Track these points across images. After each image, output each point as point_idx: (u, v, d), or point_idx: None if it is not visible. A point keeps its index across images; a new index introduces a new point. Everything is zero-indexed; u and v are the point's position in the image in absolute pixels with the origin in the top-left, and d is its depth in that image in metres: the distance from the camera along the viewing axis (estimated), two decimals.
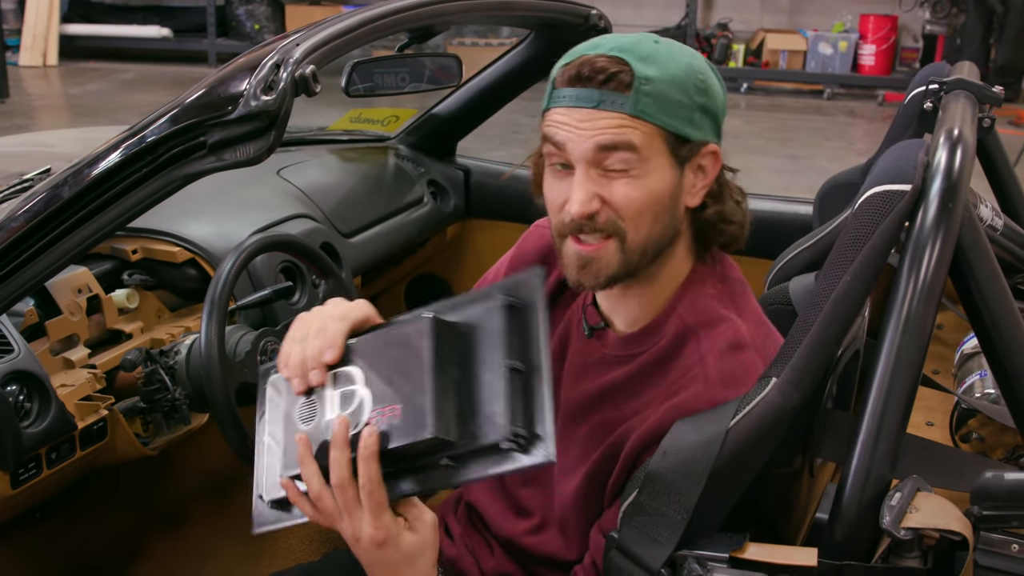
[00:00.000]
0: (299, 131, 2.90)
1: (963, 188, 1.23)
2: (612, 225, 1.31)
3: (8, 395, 1.66)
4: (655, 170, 1.30)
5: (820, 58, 9.56)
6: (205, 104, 1.42)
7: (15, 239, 1.50)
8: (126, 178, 1.45)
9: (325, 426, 1.22)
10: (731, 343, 1.34)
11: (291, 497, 1.24)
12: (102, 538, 2.37)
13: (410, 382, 1.17)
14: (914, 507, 1.15)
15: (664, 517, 1.19)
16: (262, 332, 1.87)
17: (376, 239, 2.56)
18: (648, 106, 1.28)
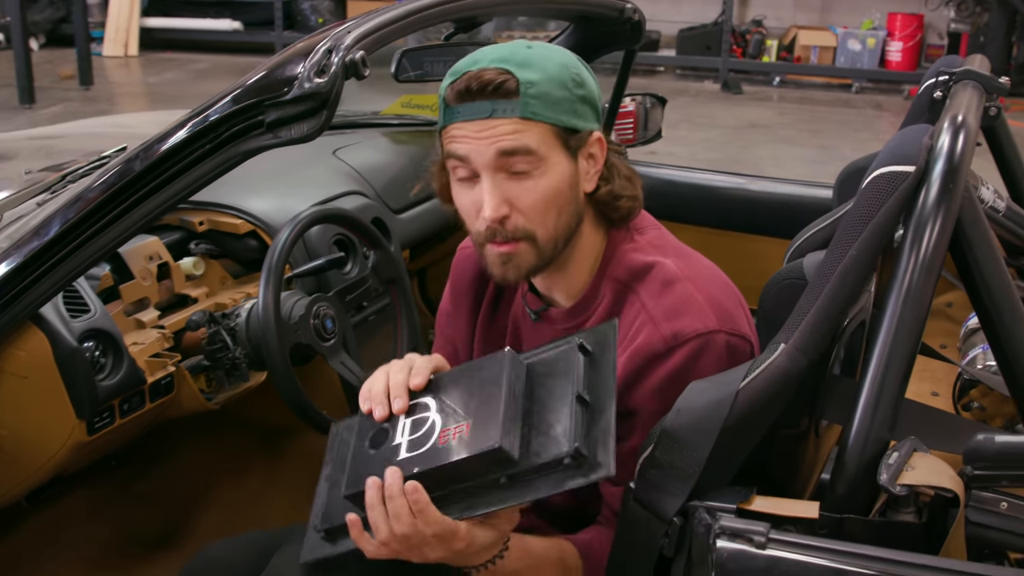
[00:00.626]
0: (354, 115, 2.93)
1: (964, 170, 1.23)
2: (522, 231, 1.35)
3: (85, 351, 1.71)
4: (553, 166, 1.34)
5: (849, 54, 9.43)
6: (263, 86, 1.44)
7: (91, 208, 1.54)
8: (191, 153, 1.48)
9: (392, 450, 1.22)
10: (663, 282, 1.39)
11: (354, 536, 1.23)
12: (170, 486, 2.43)
13: (481, 404, 1.19)
14: (910, 466, 1.15)
15: (677, 471, 1.20)
16: (315, 297, 1.90)
17: (424, 216, 2.59)
18: (536, 107, 1.30)
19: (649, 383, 1.35)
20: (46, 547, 2.23)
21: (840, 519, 1.16)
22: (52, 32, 10.55)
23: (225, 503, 2.39)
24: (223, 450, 2.45)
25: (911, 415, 1.24)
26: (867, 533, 1.15)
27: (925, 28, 9.41)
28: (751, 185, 2.63)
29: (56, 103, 8.08)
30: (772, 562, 1.09)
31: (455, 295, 1.64)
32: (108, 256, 1.64)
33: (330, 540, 1.26)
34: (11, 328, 1.64)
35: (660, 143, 2.92)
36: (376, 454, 1.23)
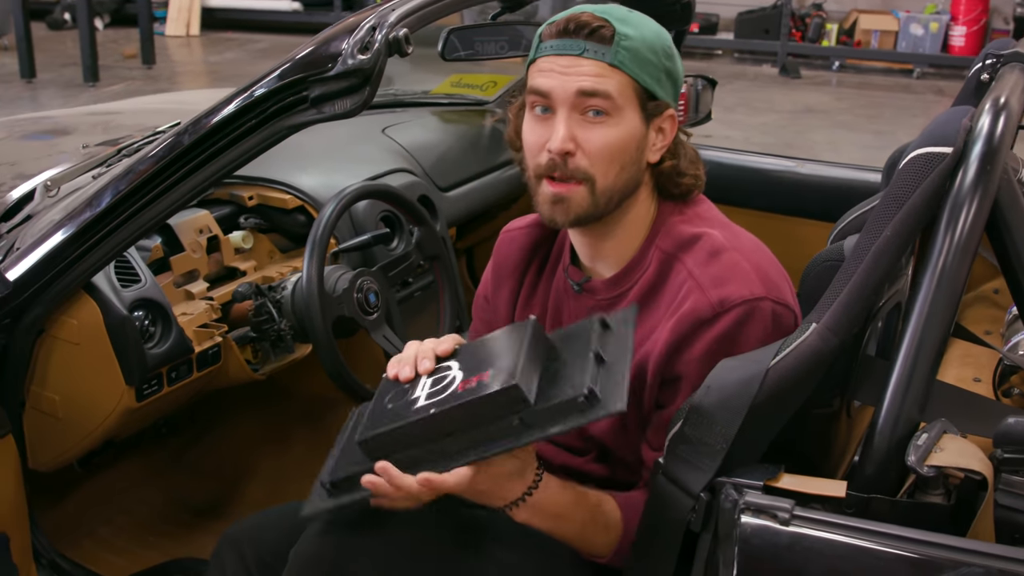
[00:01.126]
0: (404, 93, 2.95)
1: (1003, 152, 1.22)
2: (583, 172, 1.37)
3: (135, 319, 1.76)
4: (626, 120, 1.37)
5: (911, 38, 9.25)
6: (308, 62, 1.47)
7: (141, 181, 1.58)
8: (237, 128, 1.51)
9: (410, 403, 1.25)
10: (710, 252, 1.40)
11: (370, 483, 1.26)
12: (218, 455, 2.48)
13: (502, 357, 1.24)
14: (939, 447, 1.15)
15: (705, 447, 1.21)
16: (359, 272, 1.93)
17: (471, 194, 2.61)
18: (625, 59, 1.34)
19: (695, 349, 1.36)
20: (98, 511, 2.30)
21: (867, 499, 1.16)
22: (117, 12, 10.72)
23: (270, 472, 2.43)
24: (269, 421, 2.50)
25: (943, 397, 1.23)
26: (894, 513, 1.15)
27: (990, 12, 9.20)
28: (800, 168, 2.61)
29: (119, 81, 8.22)
30: (795, 539, 1.09)
31: (497, 278, 1.65)
32: (158, 228, 1.69)
33: (334, 495, 1.30)
34: (64, 296, 1.69)
35: (715, 127, 2.92)
36: (393, 407, 1.26)
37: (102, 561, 2.10)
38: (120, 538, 2.25)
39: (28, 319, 1.70)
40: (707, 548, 1.21)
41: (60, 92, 7.75)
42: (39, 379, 1.78)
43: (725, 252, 1.40)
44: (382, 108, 2.77)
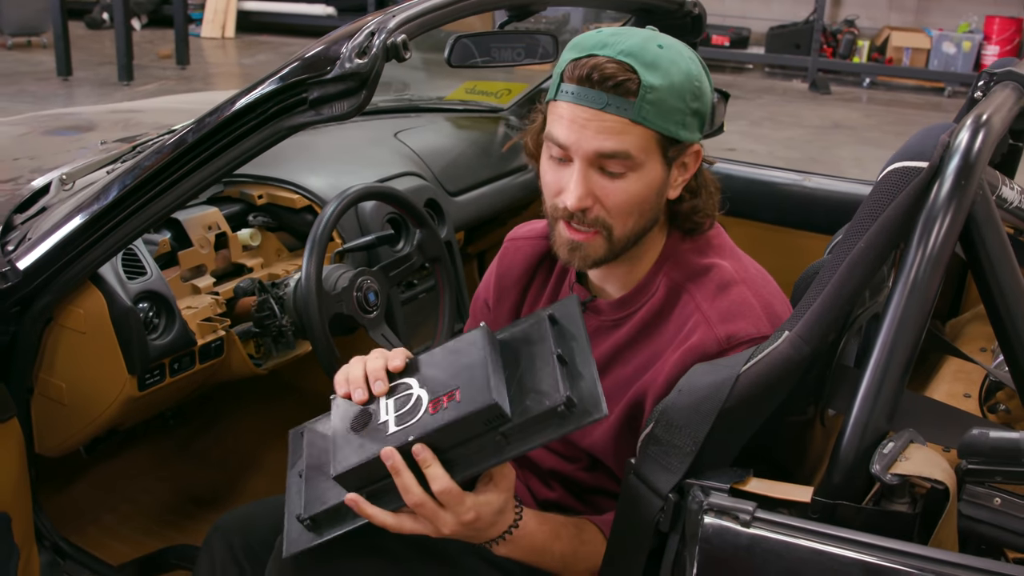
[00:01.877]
0: (418, 99, 2.99)
1: (979, 167, 1.23)
2: (601, 222, 1.36)
3: (139, 311, 1.81)
4: (647, 171, 1.34)
5: (943, 57, 9.22)
6: (308, 64, 1.50)
7: (147, 176, 1.63)
8: (239, 128, 1.55)
9: (379, 428, 1.23)
10: (719, 285, 1.40)
11: (369, 513, 1.24)
12: (223, 447, 2.53)
13: (467, 373, 1.23)
14: (905, 456, 1.16)
15: (675, 448, 1.23)
16: (360, 271, 1.97)
17: (480, 199, 2.64)
18: (649, 113, 1.30)
19: None
20: (104, 499, 2.35)
21: (833, 505, 1.18)
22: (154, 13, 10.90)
23: (273, 465, 2.47)
24: (273, 415, 2.54)
25: (914, 407, 1.25)
26: (859, 520, 1.16)
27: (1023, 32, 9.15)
28: (806, 182, 2.62)
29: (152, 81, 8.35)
30: (755, 540, 1.11)
31: (501, 288, 1.64)
32: (163, 221, 1.73)
33: (315, 529, 1.27)
34: (72, 286, 1.74)
35: (740, 140, 2.94)
36: (364, 434, 1.23)
37: (104, 547, 2.15)
38: (124, 526, 2.30)
39: (37, 307, 1.75)
40: (675, 549, 1.23)
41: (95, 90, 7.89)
42: (47, 366, 1.83)
43: (734, 286, 1.40)
44: (396, 113, 2.81)
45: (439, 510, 1.24)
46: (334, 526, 1.28)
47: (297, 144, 2.45)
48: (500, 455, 1.23)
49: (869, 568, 1.07)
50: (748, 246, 1.77)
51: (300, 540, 1.28)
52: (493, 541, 1.32)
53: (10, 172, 2.15)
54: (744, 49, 10.00)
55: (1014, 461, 1.14)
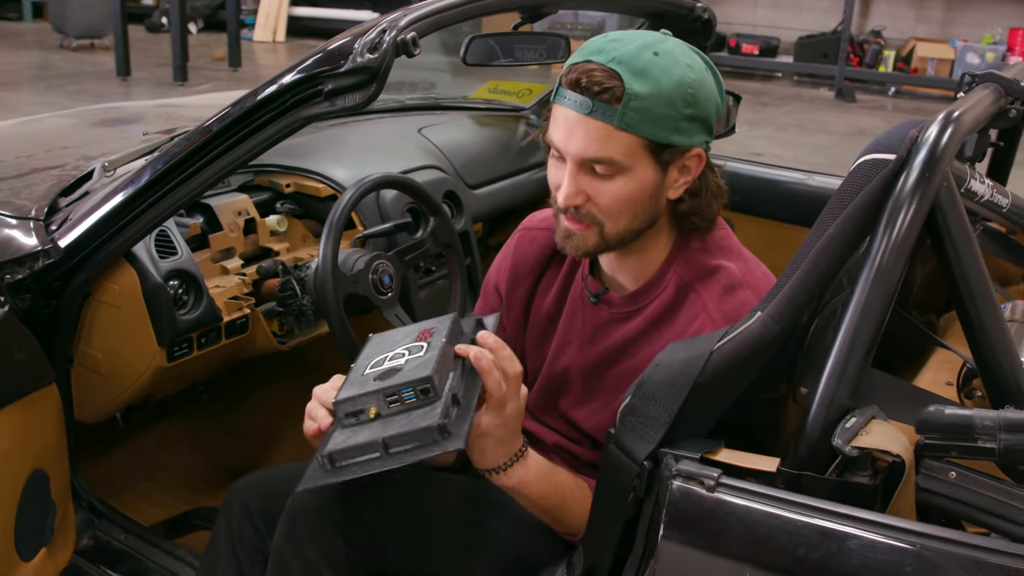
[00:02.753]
0: (443, 98, 3.04)
1: (945, 160, 1.25)
2: (592, 218, 1.39)
3: (169, 287, 1.87)
4: (636, 174, 1.35)
5: (967, 67, 9.07)
6: (324, 59, 1.55)
7: (175, 162, 1.69)
8: (259, 118, 1.61)
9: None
10: (725, 287, 1.43)
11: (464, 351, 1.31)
12: (253, 421, 2.60)
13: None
14: (865, 431, 1.19)
15: (651, 419, 1.26)
16: (376, 255, 2.02)
17: (498, 193, 2.68)
18: (633, 120, 1.31)
19: None
20: (140, 467, 2.43)
21: (797, 475, 1.21)
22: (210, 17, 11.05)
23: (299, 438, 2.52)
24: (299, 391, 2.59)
25: (880, 386, 1.27)
26: (822, 490, 1.18)
27: None
28: (810, 181, 2.64)
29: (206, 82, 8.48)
30: (718, 504, 1.14)
31: (515, 275, 1.66)
32: (191, 203, 1.79)
33: (332, 471, 1.29)
34: (107, 263, 1.81)
35: (766, 145, 2.96)
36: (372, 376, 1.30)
37: (138, 509, 2.22)
38: (158, 491, 2.37)
39: (76, 283, 1.82)
40: (649, 514, 1.26)
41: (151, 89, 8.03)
42: (85, 338, 1.90)
43: (740, 290, 1.43)
44: (422, 110, 2.86)
45: (508, 398, 1.31)
46: (351, 470, 1.29)
47: (328, 137, 2.51)
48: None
49: (823, 531, 1.10)
50: (755, 242, 1.80)
51: (315, 477, 1.31)
52: (511, 460, 1.36)
53: (58, 159, 2.22)
54: (773, 58, 9.97)
55: (967, 437, 1.17)
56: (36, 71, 8.80)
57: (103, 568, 1.91)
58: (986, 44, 9.17)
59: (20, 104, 7.39)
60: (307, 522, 1.47)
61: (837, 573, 1.08)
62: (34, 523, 1.71)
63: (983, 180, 1.44)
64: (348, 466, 1.26)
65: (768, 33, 10.10)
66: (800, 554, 1.10)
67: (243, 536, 1.63)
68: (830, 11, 9.89)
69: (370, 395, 1.26)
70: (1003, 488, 1.18)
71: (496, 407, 1.30)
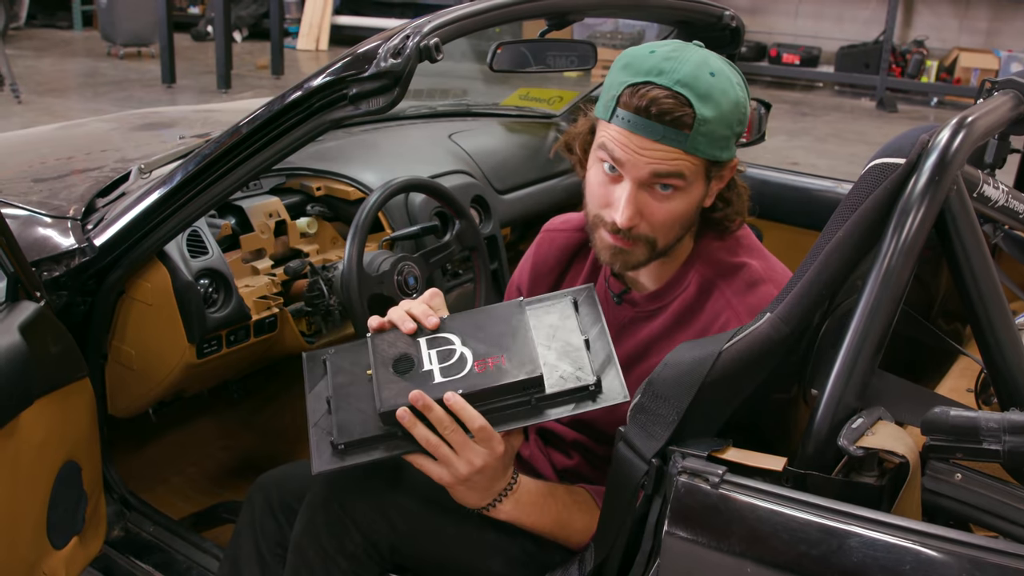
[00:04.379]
0: (474, 105, 3.07)
1: (955, 165, 1.26)
2: (644, 237, 1.41)
3: (200, 286, 1.92)
4: (693, 191, 1.40)
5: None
6: (349, 63, 1.59)
7: (206, 164, 1.74)
8: (286, 121, 1.65)
9: (424, 375, 1.33)
10: (748, 283, 1.45)
11: (411, 424, 1.31)
12: (282, 420, 2.64)
13: (512, 342, 1.34)
14: (872, 432, 1.20)
15: (660, 417, 1.28)
16: (401, 256, 2.05)
17: (527, 198, 2.70)
18: (701, 144, 1.35)
19: None
20: (173, 462, 2.48)
21: (804, 474, 1.22)
22: (255, 26, 11.20)
23: None
24: None
25: (888, 388, 1.28)
26: (828, 490, 1.20)
27: None
28: (839, 188, 2.64)
29: (248, 90, 8.59)
30: (722, 500, 1.16)
31: (536, 276, 1.69)
32: (221, 203, 1.84)
33: (344, 453, 1.34)
34: (140, 262, 1.86)
35: (804, 155, 2.95)
36: (408, 377, 1.33)
37: (168, 503, 2.27)
38: (188, 486, 2.42)
39: (110, 281, 1.87)
40: (657, 511, 1.28)
41: (195, 97, 8.16)
42: (119, 335, 1.96)
43: (763, 284, 1.46)
44: (453, 116, 2.90)
45: (471, 443, 1.32)
46: (363, 453, 1.35)
47: (360, 142, 2.56)
48: (526, 419, 1.34)
49: (824, 529, 1.11)
50: (783, 249, 1.81)
51: (330, 461, 1.35)
52: (497, 499, 1.40)
53: (97, 162, 2.29)
54: (814, 68, 9.89)
55: (972, 439, 1.18)
56: (84, 78, 8.98)
57: (132, 559, 1.97)
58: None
59: (67, 111, 7.55)
60: (326, 514, 1.50)
61: (837, 570, 1.09)
62: (66, 512, 1.76)
63: (998, 185, 1.45)
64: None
65: (809, 43, 10.04)
66: (801, 551, 1.11)
67: (265, 529, 1.67)
68: (872, 21, 9.81)
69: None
70: (1008, 490, 1.18)
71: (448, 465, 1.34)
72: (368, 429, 1.34)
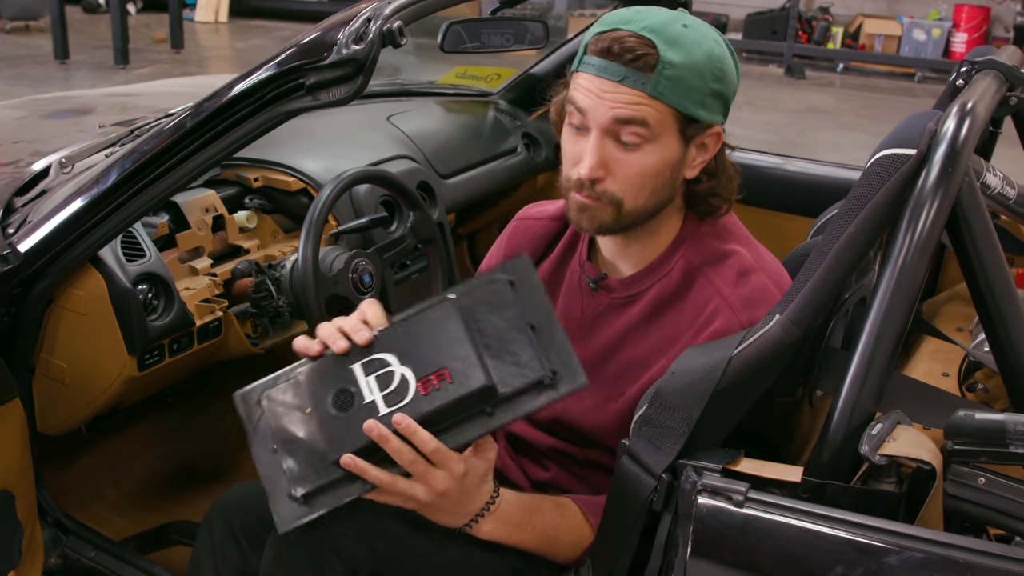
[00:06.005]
0: (410, 83, 2.95)
1: (965, 155, 1.21)
2: (610, 196, 1.33)
3: (138, 292, 1.77)
4: (662, 147, 1.31)
5: (913, 43, 9.22)
6: (305, 50, 1.46)
7: (146, 160, 1.59)
8: (237, 113, 1.52)
9: (368, 408, 1.20)
10: (739, 271, 1.38)
11: (360, 470, 1.19)
12: (222, 423, 2.50)
13: (452, 350, 1.20)
14: (892, 437, 1.15)
15: (669, 429, 1.21)
16: (354, 253, 1.93)
17: (471, 182, 2.60)
18: (666, 89, 1.27)
19: None
20: (106, 474, 2.32)
21: (822, 484, 1.16)
22: None
23: None
24: None
25: (900, 389, 1.23)
26: (847, 499, 1.15)
27: (991, 21, 9.17)
28: (788, 166, 2.60)
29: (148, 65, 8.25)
30: (748, 520, 1.10)
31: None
32: (161, 205, 1.69)
33: (307, 503, 1.21)
34: (72, 268, 1.71)
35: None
36: (351, 414, 1.20)
37: (106, 522, 2.12)
38: (126, 501, 2.28)
39: (38, 289, 1.72)
40: (667, 528, 1.21)
41: (92, 73, 7.80)
42: (48, 347, 1.80)
43: (754, 273, 1.38)
44: (388, 97, 2.77)
45: (432, 468, 1.21)
46: (326, 501, 1.22)
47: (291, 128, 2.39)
48: (484, 427, 1.22)
49: (859, 547, 1.06)
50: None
51: (293, 515, 1.22)
52: (476, 517, 1.31)
53: (10, 155, 2.11)
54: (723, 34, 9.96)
55: (998, 442, 1.13)
56: None
57: None
58: (932, 20, 9.26)
59: None
60: (300, 541, 1.39)
61: None
62: (1, 546, 1.62)
63: (996, 172, 1.41)
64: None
65: (718, 10, 10.11)
66: (838, 573, 1.05)
67: (226, 554, 1.56)
68: None
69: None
70: None
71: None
72: (323, 475, 1.21)
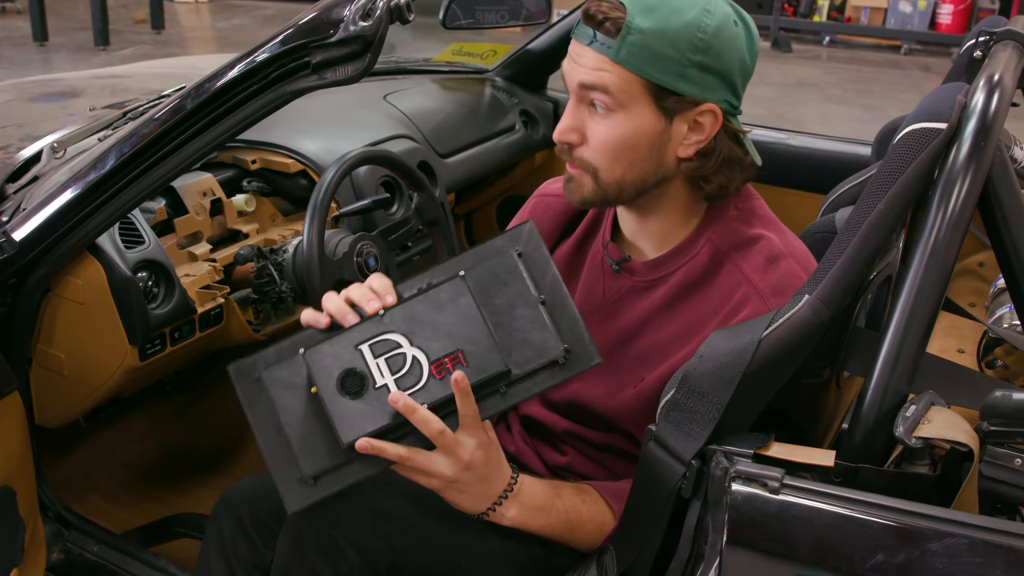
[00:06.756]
0: (406, 61, 2.90)
1: (996, 129, 1.18)
2: (585, 163, 1.31)
3: (138, 280, 1.73)
4: (634, 116, 1.27)
5: (900, 15, 9.19)
6: (310, 28, 1.42)
7: (145, 144, 1.54)
8: (240, 93, 1.47)
9: (378, 394, 1.17)
10: (768, 257, 1.34)
11: (378, 450, 1.17)
12: (220, 411, 2.46)
13: (465, 331, 1.18)
14: (927, 419, 1.12)
15: (697, 415, 1.18)
16: (359, 236, 1.89)
17: (469, 160, 2.56)
18: (629, 55, 1.23)
19: None
20: (104, 466, 2.28)
21: (855, 468, 1.14)
22: None
23: None
24: None
25: (931, 369, 1.21)
26: (881, 483, 1.12)
27: None
28: (792, 141, 2.57)
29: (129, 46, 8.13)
30: (784, 507, 1.07)
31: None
32: (160, 190, 1.65)
33: (317, 484, 1.19)
34: (69, 257, 1.66)
35: None
36: (365, 400, 1.17)
37: (107, 514, 2.08)
38: (126, 492, 2.24)
39: (34, 279, 1.67)
40: (696, 515, 1.18)
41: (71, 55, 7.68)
42: (45, 337, 1.76)
43: (783, 260, 1.34)
44: (384, 75, 2.72)
45: (459, 437, 1.20)
46: (337, 480, 1.20)
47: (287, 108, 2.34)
48: (497, 407, 1.21)
49: (899, 532, 1.03)
50: None
51: (303, 496, 1.20)
52: (500, 500, 1.28)
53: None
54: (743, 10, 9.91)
55: None
56: None
57: None
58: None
59: None
60: (315, 533, 1.36)
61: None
62: (3, 544, 1.58)
63: (1021, 145, 1.38)
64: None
65: None
66: (879, 560, 1.03)
67: (237, 549, 1.52)
68: None
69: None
70: None
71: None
72: (335, 456, 1.19)
